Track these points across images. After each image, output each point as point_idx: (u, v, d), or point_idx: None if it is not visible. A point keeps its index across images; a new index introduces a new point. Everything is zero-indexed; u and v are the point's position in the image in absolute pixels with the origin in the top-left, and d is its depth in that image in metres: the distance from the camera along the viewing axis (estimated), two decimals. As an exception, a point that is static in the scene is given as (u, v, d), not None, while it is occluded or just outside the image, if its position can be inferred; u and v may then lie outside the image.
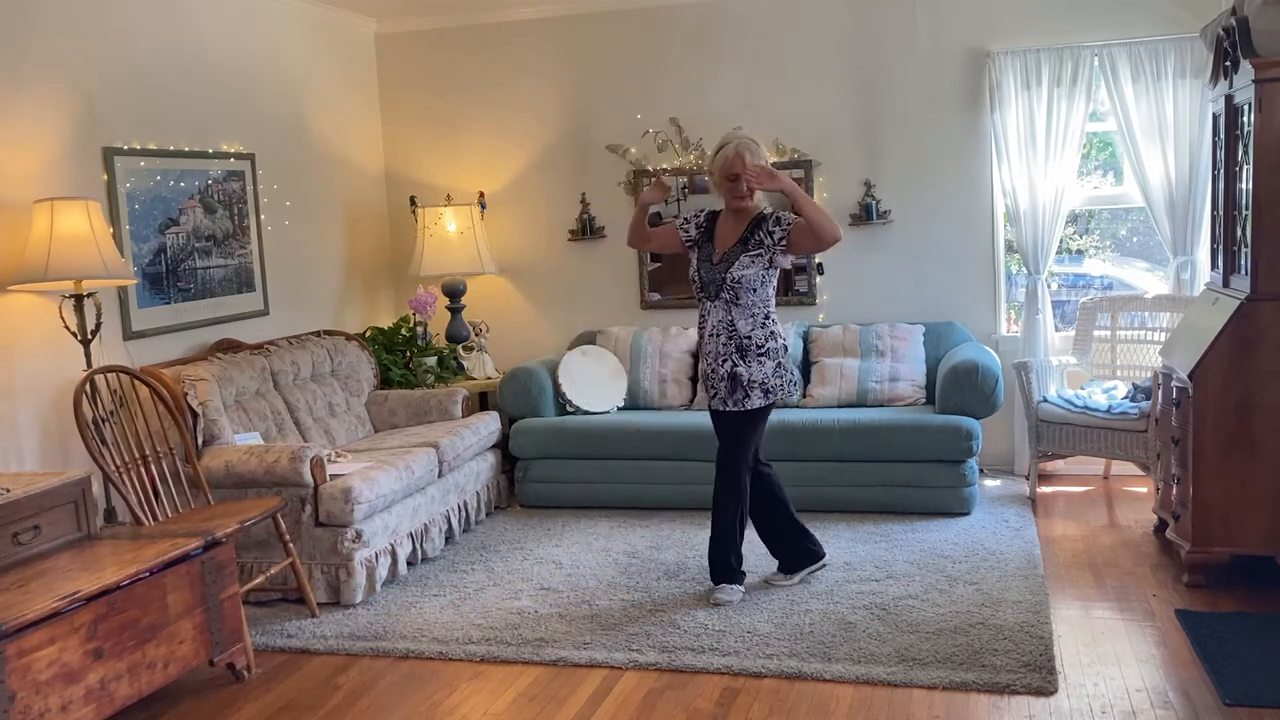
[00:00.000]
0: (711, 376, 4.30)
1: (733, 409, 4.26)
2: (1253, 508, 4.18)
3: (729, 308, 4.26)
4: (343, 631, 4.21)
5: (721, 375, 4.26)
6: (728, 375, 4.24)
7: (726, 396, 4.26)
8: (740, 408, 4.25)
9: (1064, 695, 3.42)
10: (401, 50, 6.80)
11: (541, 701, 3.57)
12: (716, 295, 4.27)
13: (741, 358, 4.24)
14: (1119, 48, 5.67)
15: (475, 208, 6.54)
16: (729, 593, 4.30)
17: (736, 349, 4.24)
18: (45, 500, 3.54)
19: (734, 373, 4.24)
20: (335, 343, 5.83)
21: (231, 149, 5.51)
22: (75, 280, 4.20)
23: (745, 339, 4.24)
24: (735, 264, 4.23)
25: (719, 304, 4.27)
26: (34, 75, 4.40)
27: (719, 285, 4.26)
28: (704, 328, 4.34)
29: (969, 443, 5.19)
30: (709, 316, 4.31)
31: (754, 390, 4.24)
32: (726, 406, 4.27)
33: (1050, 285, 6.13)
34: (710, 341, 4.30)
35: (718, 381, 4.27)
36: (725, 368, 4.25)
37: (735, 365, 4.24)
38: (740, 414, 4.27)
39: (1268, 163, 4.07)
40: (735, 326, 4.25)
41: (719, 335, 4.27)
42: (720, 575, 4.35)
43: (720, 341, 4.26)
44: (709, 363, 4.31)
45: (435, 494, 5.12)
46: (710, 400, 4.34)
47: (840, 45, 6.15)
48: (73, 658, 3.12)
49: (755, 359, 4.24)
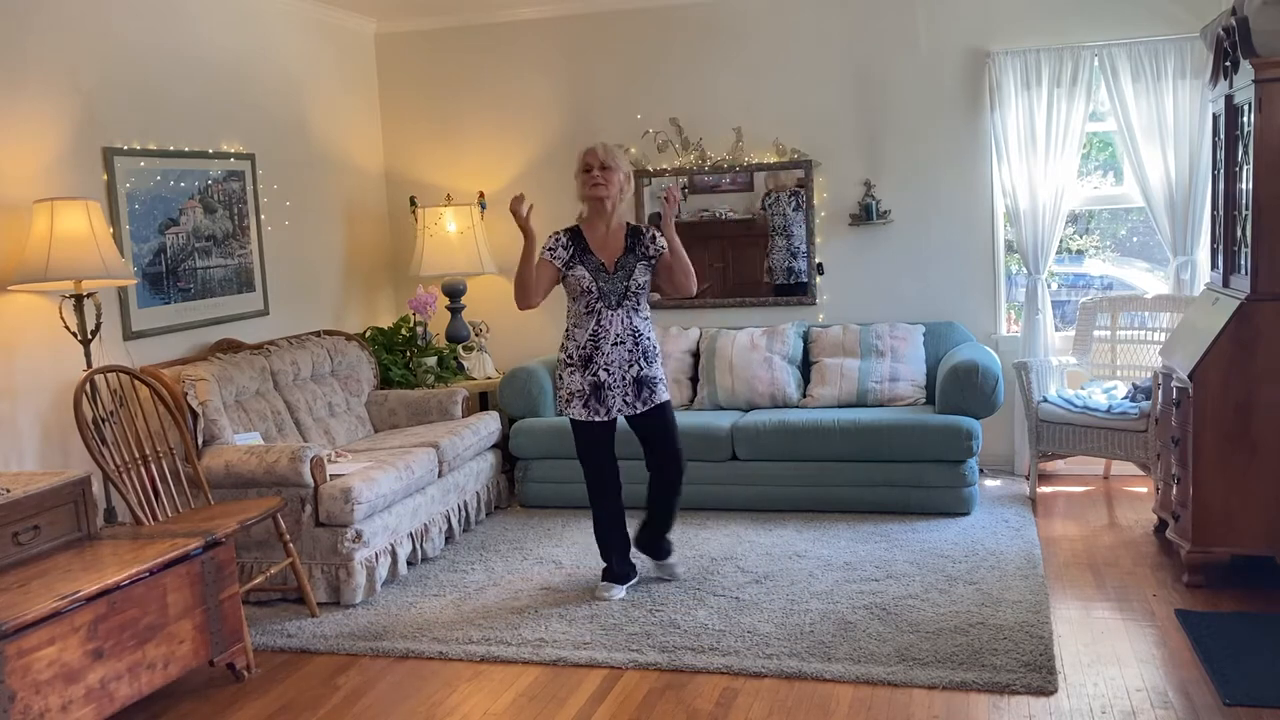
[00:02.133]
0: (614, 385, 4.36)
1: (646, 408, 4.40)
2: (1253, 508, 4.18)
3: (631, 315, 4.38)
4: (343, 631, 4.21)
5: (629, 380, 4.36)
6: (634, 379, 4.37)
7: (634, 400, 4.38)
8: (652, 404, 4.40)
9: (1064, 695, 3.42)
10: (401, 50, 6.80)
11: (541, 701, 3.57)
12: (619, 304, 4.35)
13: (647, 362, 4.39)
14: (1119, 48, 5.67)
15: (475, 208, 6.53)
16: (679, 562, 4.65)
17: (643, 354, 4.38)
18: (45, 500, 3.54)
19: (640, 376, 4.38)
20: (335, 343, 5.83)
21: (231, 149, 5.51)
22: (75, 280, 4.20)
23: (649, 342, 4.42)
24: (635, 272, 4.37)
25: (620, 312, 4.36)
26: (34, 75, 4.40)
27: (621, 294, 4.36)
28: (601, 338, 4.35)
29: (969, 443, 5.19)
30: (610, 325, 4.35)
31: (658, 386, 4.42)
32: (638, 409, 4.39)
33: (1050, 285, 6.13)
34: (614, 350, 4.35)
35: (624, 387, 4.37)
36: (631, 372, 4.36)
37: (642, 369, 4.38)
38: (662, 406, 4.43)
39: (1268, 163, 4.07)
40: (640, 331, 4.39)
41: (624, 342, 4.36)
42: (668, 551, 4.63)
43: (626, 348, 4.36)
44: (613, 371, 4.36)
45: (435, 494, 5.12)
46: (610, 409, 4.39)
47: (840, 45, 6.15)
48: (73, 658, 3.12)
49: (654, 361, 4.44)
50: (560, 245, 4.42)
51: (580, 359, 4.37)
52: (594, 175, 4.36)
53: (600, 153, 4.37)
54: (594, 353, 4.35)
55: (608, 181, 4.35)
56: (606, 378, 4.35)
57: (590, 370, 4.35)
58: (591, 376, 4.35)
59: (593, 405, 4.37)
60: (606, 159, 4.36)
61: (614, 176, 4.36)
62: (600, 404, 4.37)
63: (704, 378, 6.03)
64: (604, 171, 4.35)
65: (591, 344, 4.36)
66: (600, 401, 4.36)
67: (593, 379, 4.35)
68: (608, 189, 4.36)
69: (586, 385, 4.36)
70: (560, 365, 4.45)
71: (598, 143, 4.46)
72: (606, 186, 4.35)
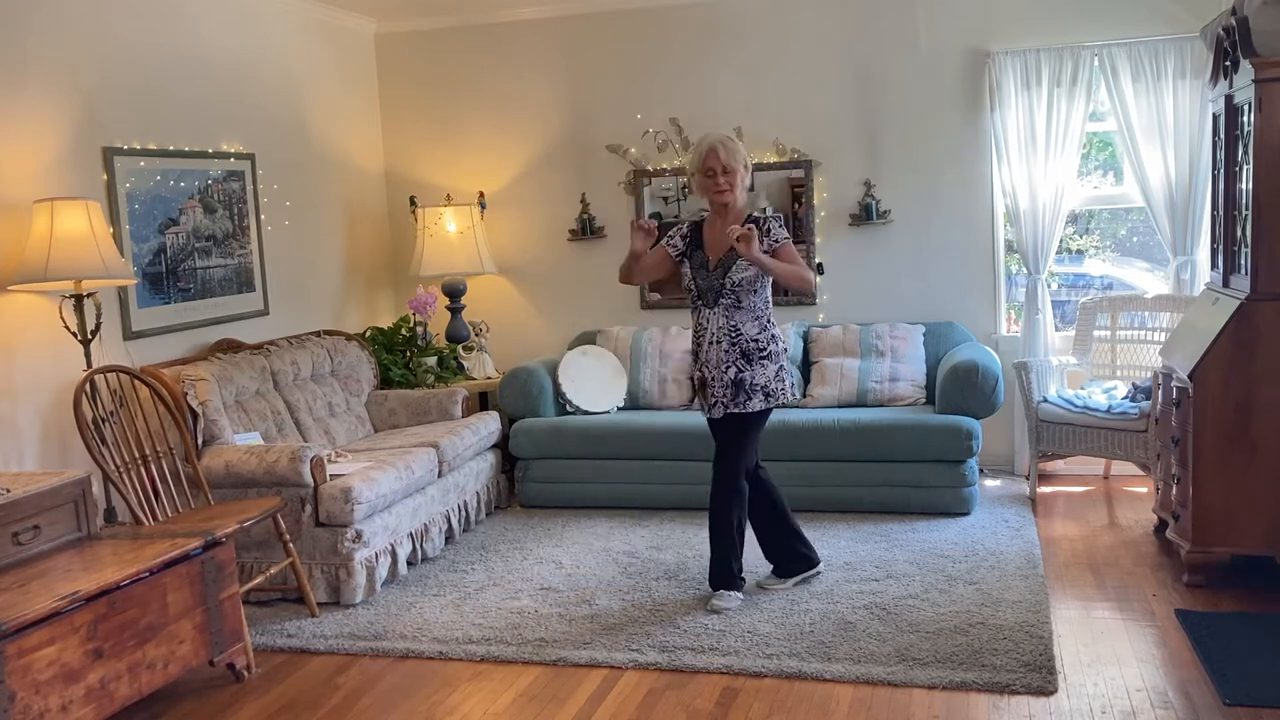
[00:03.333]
0: (713, 384, 4.24)
1: (734, 412, 4.23)
2: (1253, 508, 4.18)
3: (731, 313, 4.22)
4: (343, 631, 4.21)
5: (725, 381, 4.21)
6: (732, 381, 4.20)
7: (729, 402, 4.22)
8: (742, 409, 4.23)
9: (1064, 695, 3.42)
10: (401, 50, 6.80)
11: (541, 701, 3.57)
12: (716, 301, 4.23)
13: (747, 362, 4.20)
14: (1119, 48, 5.67)
15: (475, 208, 6.54)
16: (728, 600, 4.27)
17: (741, 354, 4.20)
18: (45, 500, 3.54)
19: (739, 378, 4.20)
20: (335, 343, 5.83)
21: (231, 149, 5.51)
22: (75, 280, 4.20)
23: (751, 342, 4.21)
24: (734, 268, 4.20)
25: (719, 310, 4.23)
26: (34, 75, 4.40)
27: (718, 291, 4.22)
28: (701, 335, 4.27)
29: (969, 443, 5.19)
30: (708, 323, 4.25)
31: (756, 394, 4.21)
32: (727, 410, 4.23)
33: (1050, 285, 6.13)
34: (712, 349, 4.23)
35: (720, 388, 4.22)
36: (729, 374, 4.20)
37: (740, 370, 4.20)
38: (741, 417, 4.25)
39: (1268, 163, 4.07)
40: (740, 330, 4.21)
41: (721, 342, 4.21)
42: (720, 581, 4.32)
43: (723, 348, 4.21)
44: (711, 370, 4.24)
45: (435, 494, 5.12)
46: (709, 409, 4.28)
47: (840, 45, 6.15)
48: (73, 658, 3.12)
49: (759, 362, 4.22)
50: (680, 236, 4.36)
51: (694, 354, 4.34)
52: (719, 182, 4.20)
53: (723, 155, 4.17)
54: (699, 349, 4.29)
55: (732, 185, 4.21)
56: (707, 375, 4.26)
57: (698, 366, 4.30)
58: (698, 372, 4.31)
59: (701, 401, 4.33)
60: (729, 161, 4.18)
61: (736, 177, 4.22)
62: (705, 400, 4.30)
63: (704, 378, 6.03)
64: (727, 175, 4.19)
65: (696, 341, 4.31)
66: (704, 398, 4.30)
67: (699, 374, 4.30)
68: (732, 192, 4.22)
69: (697, 379, 4.32)
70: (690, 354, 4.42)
71: (718, 140, 4.22)
72: (731, 190, 4.21)
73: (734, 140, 4.28)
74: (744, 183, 4.28)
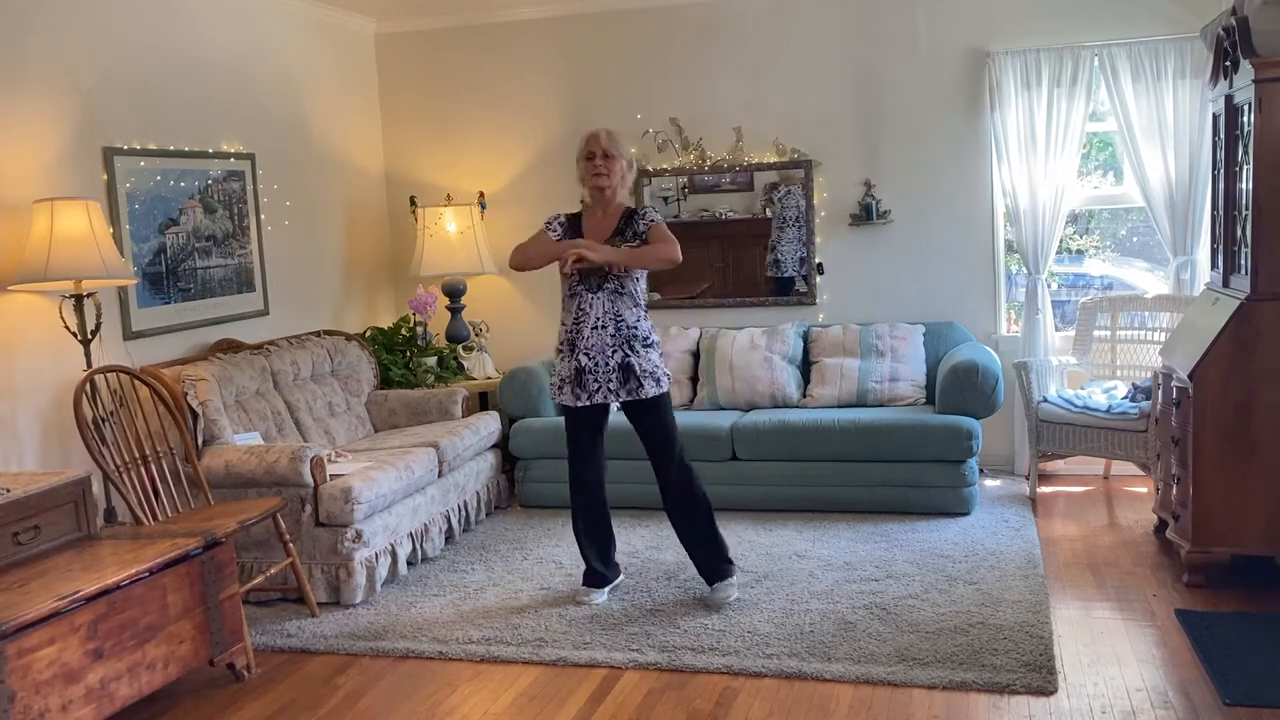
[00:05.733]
0: (597, 370, 4.26)
1: (631, 399, 4.25)
2: (1253, 508, 4.18)
3: (614, 299, 4.26)
4: (343, 631, 4.21)
5: (612, 366, 4.25)
6: (619, 366, 4.24)
7: (619, 388, 4.25)
8: (637, 396, 4.25)
9: (1064, 695, 3.42)
10: (401, 50, 6.80)
11: (541, 701, 3.57)
12: (599, 287, 4.26)
13: (631, 349, 4.26)
14: (1119, 48, 5.67)
15: (475, 208, 6.53)
16: (729, 589, 4.29)
17: (625, 340, 4.26)
18: (45, 500, 3.54)
19: (625, 363, 4.25)
20: (335, 343, 5.83)
21: (231, 149, 5.51)
22: (75, 280, 4.20)
23: (633, 329, 4.27)
24: None
25: (602, 296, 4.25)
26: (34, 75, 4.40)
27: (601, 276, 4.26)
28: (583, 322, 4.28)
29: (969, 443, 5.19)
30: (590, 309, 4.27)
31: (647, 379, 4.26)
32: (621, 397, 4.27)
33: (1050, 285, 6.13)
34: (595, 334, 4.25)
35: (607, 373, 4.25)
36: (616, 358, 4.24)
37: (627, 355, 4.25)
38: (654, 402, 4.29)
39: (1268, 163, 4.07)
40: (622, 317, 4.26)
41: (605, 327, 4.25)
42: (715, 574, 4.34)
43: (608, 333, 4.25)
44: (594, 356, 4.25)
45: (435, 494, 5.12)
46: (593, 395, 4.26)
47: (840, 45, 6.15)
48: (73, 658, 3.12)
49: (643, 349, 4.28)
50: (558, 223, 4.43)
51: (567, 343, 4.32)
52: (596, 164, 4.34)
53: (604, 140, 4.33)
54: (576, 337, 4.28)
55: (609, 171, 4.33)
56: (587, 362, 4.25)
57: (574, 354, 4.29)
58: (574, 361, 4.28)
59: (576, 390, 4.30)
60: (609, 147, 4.33)
61: (615, 165, 4.33)
62: (583, 389, 4.27)
63: (704, 378, 6.03)
64: (606, 160, 4.33)
65: (575, 328, 4.30)
66: (582, 387, 4.27)
67: (575, 364, 4.28)
68: (609, 178, 4.34)
69: (571, 370, 4.30)
70: (555, 353, 4.44)
71: (601, 129, 4.39)
72: (608, 176, 4.33)
73: (619, 134, 4.44)
74: (624, 176, 4.38)
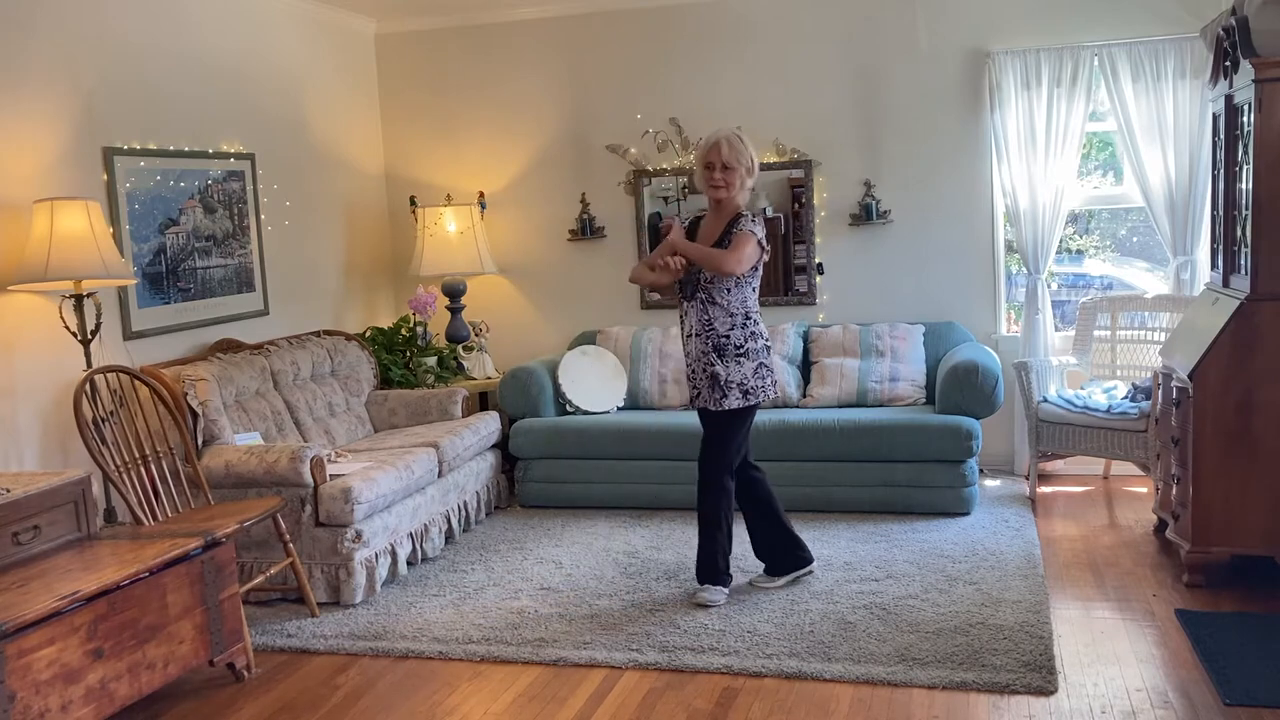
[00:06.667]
0: (693, 377, 4.33)
1: (712, 408, 4.28)
2: (1253, 508, 4.18)
3: (705, 307, 4.26)
4: (343, 631, 4.21)
5: (703, 375, 4.28)
6: (708, 375, 4.26)
7: (708, 396, 4.28)
8: (718, 406, 4.25)
9: (1064, 695, 3.42)
10: (401, 50, 6.80)
11: (541, 701, 3.57)
12: (693, 295, 4.28)
13: (720, 357, 4.24)
14: (1119, 48, 5.67)
15: (475, 208, 6.53)
16: (713, 594, 4.29)
17: (715, 348, 4.24)
18: (45, 500, 3.54)
19: (712, 372, 4.25)
20: (335, 343, 5.84)
21: (231, 149, 5.51)
22: (75, 280, 4.20)
23: (723, 339, 4.24)
24: None
25: (695, 304, 4.28)
26: (34, 75, 4.40)
27: (694, 285, 4.27)
28: (683, 328, 4.37)
29: (969, 443, 5.19)
30: (688, 317, 4.33)
31: (731, 390, 4.23)
32: (708, 405, 4.29)
33: (1050, 285, 6.13)
34: (690, 342, 4.32)
35: (700, 381, 4.30)
36: (708, 369, 4.26)
37: (713, 365, 4.25)
38: (720, 413, 4.27)
39: (1268, 163, 4.07)
40: (713, 326, 4.25)
41: (698, 335, 4.27)
42: (705, 576, 4.34)
43: (700, 341, 4.27)
44: (690, 363, 4.34)
45: (435, 494, 5.12)
46: (693, 400, 4.36)
47: (840, 45, 6.15)
48: (73, 658, 3.12)
49: (734, 359, 4.24)
50: (684, 231, 4.42)
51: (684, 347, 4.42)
52: (714, 176, 4.24)
53: (724, 151, 4.20)
54: (684, 343, 4.39)
55: (728, 183, 4.23)
56: (687, 369, 4.37)
57: (686, 360, 4.39)
58: (686, 366, 4.40)
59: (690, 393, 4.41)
60: (730, 159, 4.20)
61: (734, 176, 4.24)
62: (690, 391, 4.39)
63: (704, 378, 6.02)
64: (725, 172, 4.22)
65: (683, 335, 4.40)
66: (689, 390, 4.40)
67: (686, 369, 4.40)
68: (727, 190, 4.25)
69: (686, 373, 4.41)
70: None
71: (722, 137, 4.24)
72: (726, 188, 4.25)
73: (742, 140, 4.27)
74: (744, 183, 4.29)
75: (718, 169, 4.23)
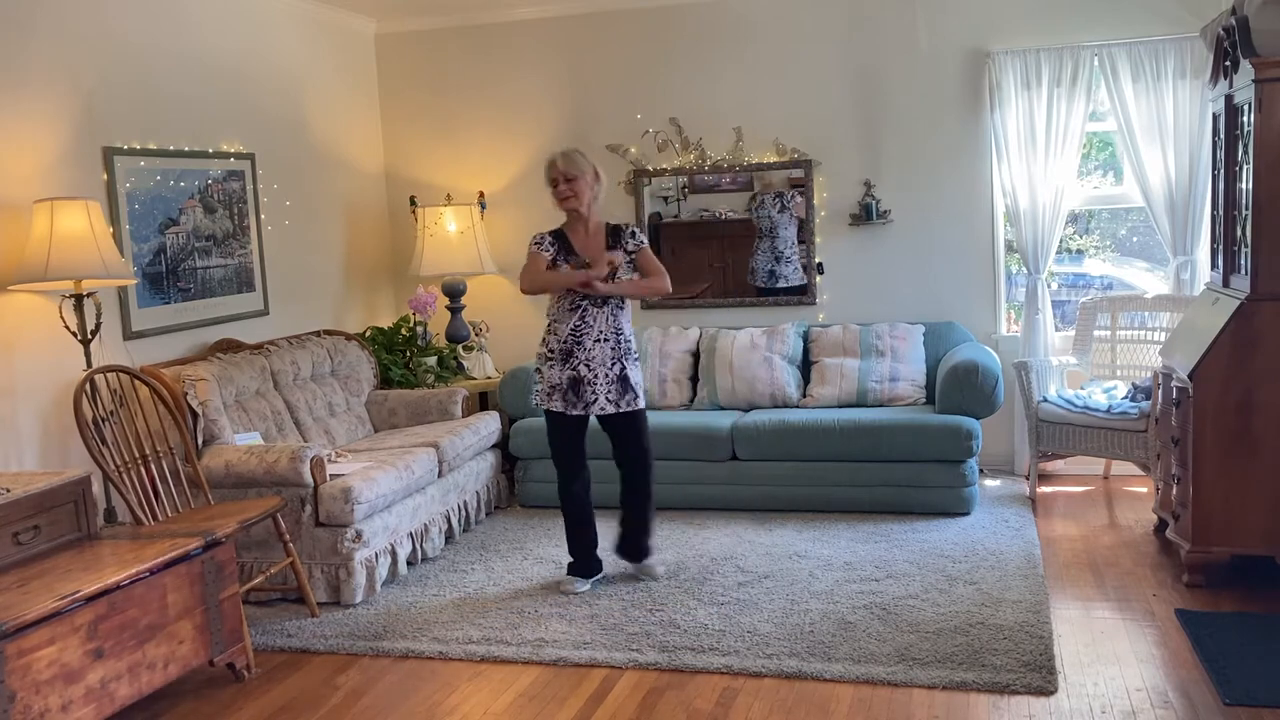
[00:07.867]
0: (597, 381, 4.43)
1: (626, 410, 4.46)
2: (1253, 508, 4.18)
3: (616, 313, 4.48)
4: (343, 631, 4.21)
5: (611, 378, 4.44)
6: (618, 378, 4.45)
7: (618, 399, 4.45)
8: (633, 407, 4.48)
9: (1064, 695, 3.42)
10: (401, 50, 6.80)
11: (541, 701, 3.57)
12: (604, 301, 4.43)
13: (629, 362, 4.49)
14: (1119, 48, 5.67)
15: (475, 208, 6.54)
16: (659, 565, 4.65)
17: (624, 353, 4.48)
18: (45, 500, 3.54)
19: (624, 374, 4.47)
20: (335, 343, 5.84)
21: (231, 149, 5.51)
22: (75, 280, 4.20)
23: (627, 342, 4.50)
24: (620, 270, 4.46)
25: (606, 310, 4.45)
26: (34, 75, 4.40)
27: None
28: (584, 334, 4.43)
29: (969, 443, 5.19)
30: (595, 322, 4.43)
31: (639, 389, 4.51)
32: (619, 409, 4.45)
33: (1050, 285, 6.13)
34: (597, 346, 4.42)
35: (606, 384, 4.43)
36: (615, 370, 4.45)
37: (624, 368, 4.47)
38: (642, 414, 4.53)
39: (1268, 163, 4.07)
40: (621, 330, 4.49)
41: (607, 340, 4.44)
42: (645, 553, 4.63)
43: (609, 345, 4.44)
44: (594, 367, 4.42)
45: (435, 494, 5.12)
46: (589, 405, 4.44)
47: (840, 45, 6.15)
48: (73, 658, 3.12)
49: (634, 362, 4.51)
50: (548, 242, 4.52)
51: (561, 353, 4.45)
52: (561, 189, 4.45)
53: (561, 164, 4.44)
54: (575, 348, 4.43)
55: (576, 192, 4.44)
56: (586, 373, 4.43)
57: (570, 365, 4.43)
58: (571, 371, 4.43)
59: (570, 399, 4.45)
60: (568, 169, 4.43)
61: (580, 184, 4.44)
62: (578, 398, 4.44)
63: (704, 378, 6.03)
64: (569, 183, 4.43)
65: (573, 339, 4.43)
66: (578, 396, 4.44)
67: (571, 373, 4.43)
68: (578, 199, 4.45)
69: (565, 379, 4.44)
70: (541, 359, 4.54)
71: (556, 153, 4.50)
72: (576, 197, 4.45)
73: (579, 151, 4.52)
74: (594, 190, 4.49)
75: (561, 181, 4.44)
